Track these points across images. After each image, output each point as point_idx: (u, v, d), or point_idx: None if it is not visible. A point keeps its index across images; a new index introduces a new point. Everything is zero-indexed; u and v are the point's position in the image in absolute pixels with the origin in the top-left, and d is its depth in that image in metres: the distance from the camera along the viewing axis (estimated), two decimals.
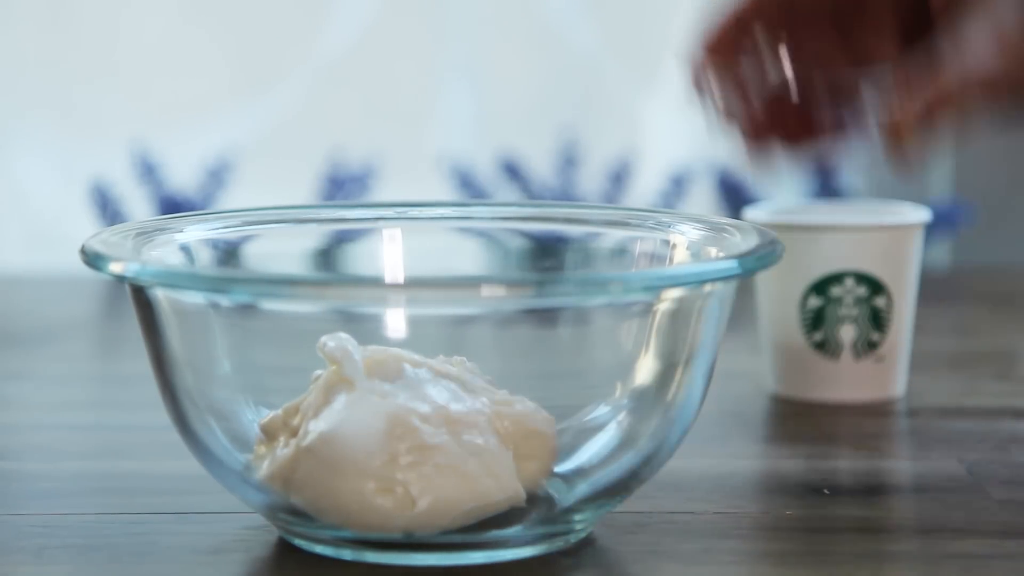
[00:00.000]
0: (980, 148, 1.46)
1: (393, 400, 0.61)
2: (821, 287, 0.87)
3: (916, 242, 0.88)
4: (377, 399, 0.61)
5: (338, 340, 0.62)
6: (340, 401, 0.61)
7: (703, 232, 0.69)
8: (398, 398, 0.61)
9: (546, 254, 0.76)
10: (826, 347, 0.87)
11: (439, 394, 0.62)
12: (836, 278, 0.87)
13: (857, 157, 1.43)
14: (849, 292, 0.86)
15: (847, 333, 0.87)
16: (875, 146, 0.72)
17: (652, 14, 1.54)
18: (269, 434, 0.63)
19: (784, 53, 0.74)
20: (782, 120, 0.74)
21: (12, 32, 1.50)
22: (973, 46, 0.68)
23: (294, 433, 0.62)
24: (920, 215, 0.88)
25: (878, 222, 0.87)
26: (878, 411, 0.86)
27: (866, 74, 0.76)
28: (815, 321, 0.87)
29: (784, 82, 0.74)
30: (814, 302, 0.87)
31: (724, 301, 0.64)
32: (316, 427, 0.61)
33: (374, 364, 0.63)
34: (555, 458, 0.64)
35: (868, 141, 0.76)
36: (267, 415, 0.64)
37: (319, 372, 0.64)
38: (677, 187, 1.42)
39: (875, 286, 0.87)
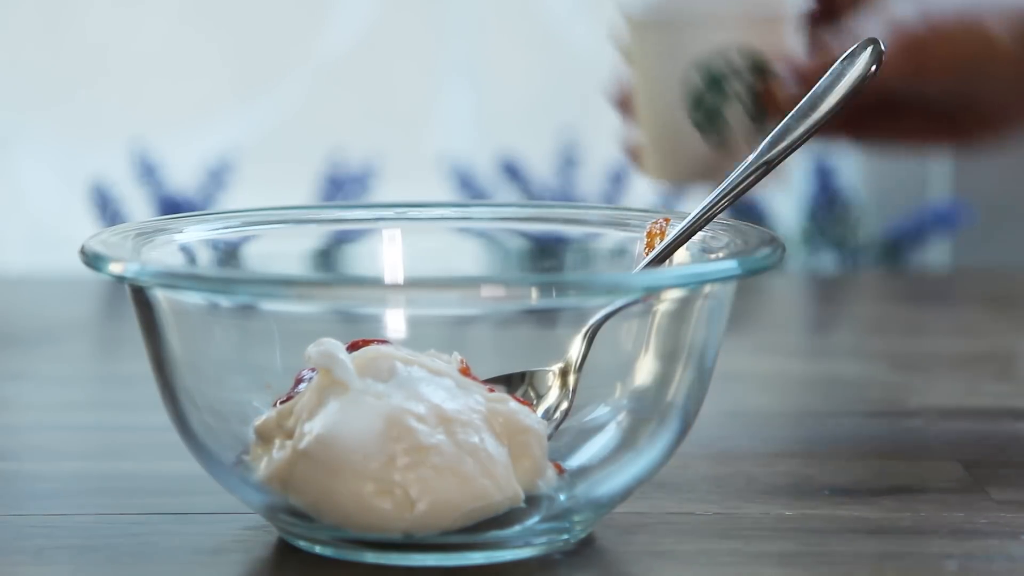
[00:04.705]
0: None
1: (388, 401, 0.61)
2: (706, 68, 0.84)
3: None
4: (372, 400, 0.61)
5: (322, 346, 0.62)
6: (335, 403, 0.61)
7: (703, 232, 0.69)
8: (392, 398, 0.61)
9: (546, 254, 0.76)
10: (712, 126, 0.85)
11: (433, 393, 0.62)
12: (720, 58, 0.84)
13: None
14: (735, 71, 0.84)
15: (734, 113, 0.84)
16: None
17: None
18: (264, 436, 0.63)
19: None
20: None
21: (13, 33, 1.50)
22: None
23: (289, 435, 0.62)
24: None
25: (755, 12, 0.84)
26: (878, 411, 0.86)
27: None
28: (699, 101, 0.84)
29: None
30: (698, 82, 0.84)
31: (724, 301, 0.64)
32: (312, 429, 0.61)
33: (365, 363, 0.62)
34: (546, 455, 0.63)
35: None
36: (260, 417, 0.64)
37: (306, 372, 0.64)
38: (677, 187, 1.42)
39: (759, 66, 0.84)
